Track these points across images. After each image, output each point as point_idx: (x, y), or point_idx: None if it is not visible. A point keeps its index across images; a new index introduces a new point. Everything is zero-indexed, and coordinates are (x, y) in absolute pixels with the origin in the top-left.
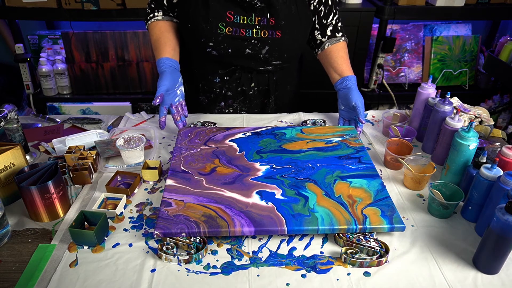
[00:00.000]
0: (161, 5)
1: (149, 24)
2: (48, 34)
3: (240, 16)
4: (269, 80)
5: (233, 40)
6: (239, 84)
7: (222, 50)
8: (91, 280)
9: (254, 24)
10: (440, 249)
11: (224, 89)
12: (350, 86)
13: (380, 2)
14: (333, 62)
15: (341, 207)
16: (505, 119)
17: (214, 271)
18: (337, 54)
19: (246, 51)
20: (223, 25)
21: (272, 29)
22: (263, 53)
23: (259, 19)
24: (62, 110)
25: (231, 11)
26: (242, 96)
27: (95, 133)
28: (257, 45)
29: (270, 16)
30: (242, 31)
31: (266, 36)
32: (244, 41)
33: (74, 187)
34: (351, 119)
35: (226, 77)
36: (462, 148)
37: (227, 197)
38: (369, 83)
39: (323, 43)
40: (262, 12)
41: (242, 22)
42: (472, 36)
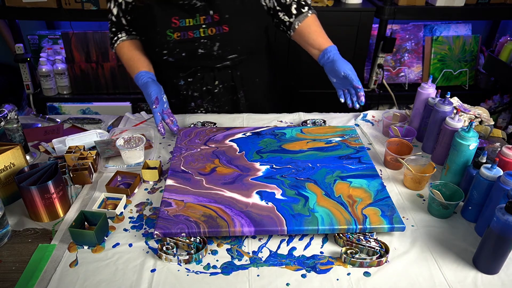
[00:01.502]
0: (121, 26)
1: (116, 47)
2: (48, 34)
3: (185, 19)
4: (233, 76)
5: (183, 44)
6: (203, 83)
7: (176, 55)
8: (91, 280)
9: (200, 23)
10: (440, 249)
11: (190, 91)
12: (333, 58)
13: (380, 2)
14: (308, 39)
15: (341, 207)
16: (505, 119)
17: (214, 271)
18: (309, 30)
19: (199, 52)
20: (171, 31)
21: (218, 25)
22: (215, 50)
23: (204, 18)
24: (62, 110)
25: (176, 16)
26: (209, 96)
27: (95, 133)
28: (208, 44)
29: (214, 13)
30: (190, 33)
31: (214, 33)
32: (194, 42)
33: (74, 187)
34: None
35: (189, 78)
36: (462, 148)
37: (227, 197)
38: (369, 83)
39: (292, 23)
40: (204, 11)
41: (188, 24)
42: (472, 36)
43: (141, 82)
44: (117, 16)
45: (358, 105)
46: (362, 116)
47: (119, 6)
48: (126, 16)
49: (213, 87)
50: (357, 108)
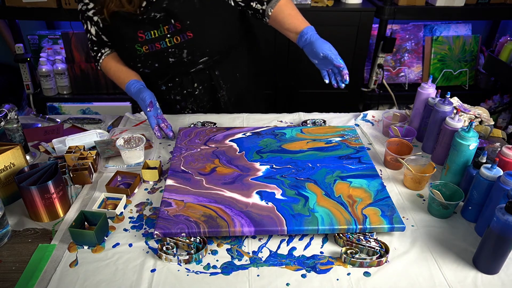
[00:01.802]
0: (103, 42)
1: (102, 63)
2: (48, 34)
3: (149, 31)
4: (212, 76)
5: (153, 55)
6: (182, 87)
7: (150, 67)
8: (91, 280)
9: (165, 34)
10: (440, 249)
11: (172, 95)
12: (310, 39)
13: (380, 2)
14: (283, 24)
15: (341, 207)
16: (505, 119)
17: (214, 271)
18: (283, 14)
19: (169, 61)
20: (139, 45)
21: (181, 33)
22: (185, 57)
23: (167, 28)
24: (62, 110)
25: (141, 30)
26: (191, 98)
27: (95, 133)
28: (176, 52)
29: (175, 21)
30: (157, 45)
31: (179, 41)
32: (163, 53)
33: (74, 187)
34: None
35: (169, 84)
36: (462, 148)
37: (227, 197)
38: (369, 83)
39: (265, 10)
40: (166, 21)
41: (154, 36)
42: (472, 36)
43: (133, 90)
44: (96, 35)
45: (343, 84)
46: (362, 116)
47: (96, 25)
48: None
49: (193, 90)
50: (343, 88)
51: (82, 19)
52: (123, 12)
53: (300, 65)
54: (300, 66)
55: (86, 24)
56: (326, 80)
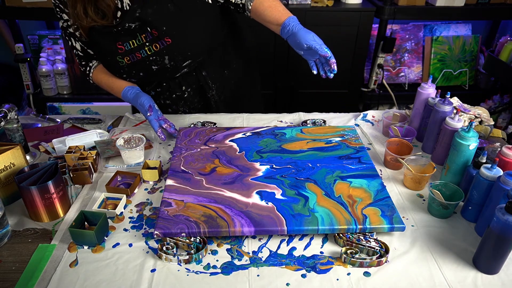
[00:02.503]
0: (90, 56)
1: (92, 75)
2: (48, 34)
3: (128, 42)
4: (199, 77)
5: (136, 65)
6: (171, 91)
7: (136, 76)
8: (91, 280)
9: (143, 42)
10: (440, 249)
11: (162, 100)
12: (293, 30)
13: (380, 2)
14: (265, 17)
15: (341, 207)
16: (505, 119)
17: (214, 271)
18: (263, 6)
19: (153, 68)
20: (120, 57)
21: (159, 39)
22: (167, 63)
23: (144, 36)
24: (62, 110)
25: (119, 41)
26: (181, 101)
27: (95, 133)
28: (158, 59)
29: (151, 29)
30: (138, 55)
31: (159, 48)
32: (145, 61)
33: (74, 187)
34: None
35: (158, 89)
36: (462, 148)
37: (227, 197)
38: (369, 83)
39: (245, 4)
40: (142, 29)
41: (133, 46)
42: (472, 36)
43: (130, 96)
44: (82, 50)
45: (332, 74)
46: (362, 116)
47: (80, 40)
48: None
49: (182, 93)
50: (331, 78)
51: (66, 36)
52: (98, 26)
53: (300, 65)
54: (300, 66)
55: (70, 41)
56: (314, 71)
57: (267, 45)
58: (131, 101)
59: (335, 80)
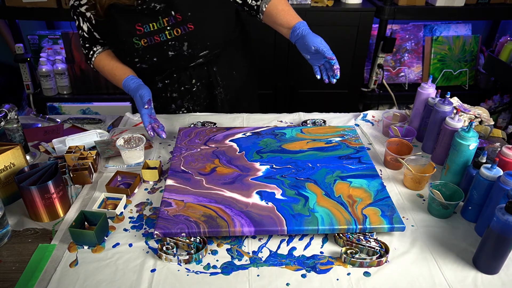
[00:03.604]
0: (95, 40)
1: (94, 61)
2: (48, 34)
3: (148, 24)
4: (209, 72)
5: (152, 49)
6: (180, 83)
7: (148, 62)
8: (91, 280)
9: (164, 26)
10: (440, 249)
11: (169, 92)
12: (302, 34)
13: (380, 2)
14: (276, 20)
15: (341, 207)
16: (505, 119)
17: (214, 271)
18: (277, 10)
19: (169, 54)
20: (137, 39)
21: (182, 24)
22: (185, 50)
23: (167, 20)
24: (62, 110)
25: (139, 22)
26: (188, 95)
27: (95, 133)
28: (176, 45)
29: (175, 13)
30: (156, 38)
31: (180, 33)
32: (162, 46)
33: (74, 187)
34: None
35: (166, 80)
36: (462, 148)
37: (227, 197)
38: (369, 83)
39: (259, 6)
40: (166, 12)
41: (153, 29)
42: (472, 36)
43: (132, 86)
44: (88, 32)
45: (334, 79)
46: (362, 116)
47: (88, 21)
48: (98, 30)
49: (191, 86)
50: (333, 83)
51: (74, 15)
52: (120, 4)
53: (300, 65)
54: (300, 66)
55: (78, 20)
56: (317, 76)
57: (267, 45)
58: (132, 91)
59: None
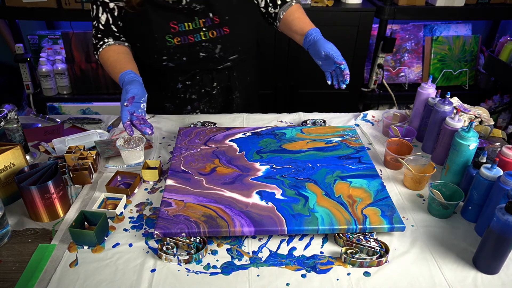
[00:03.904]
0: (109, 32)
1: (101, 51)
2: (48, 34)
3: (183, 23)
4: (230, 76)
5: (184, 48)
6: (201, 86)
7: (177, 61)
8: (91, 280)
9: (200, 27)
10: (440, 249)
11: (188, 94)
12: (314, 39)
13: (380, 2)
14: (291, 27)
15: (341, 207)
16: (505, 119)
17: (214, 271)
18: (293, 17)
19: (200, 55)
20: (170, 37)
21: (218, 27)
22: (217, 52)
23: (203, 21)
24: (62, 110)
25: (174, 21)
26: (207, 97)
27: (95, 133)
28: (209, 47)
29: (213, 15)
30: (191, 38)
31: (215, 36)
32: (195, 46)
33: (74, 187)
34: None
35: (188, 81)
36: (462, 148)
37: (227, 197)
38: (369, 83)
39: (277, 13)
40: (204, 14)
41: (188, 28)
42: (472, 36)
43: (127, 79)
44: (106, 24)
45: (344, 84)
46: (362, 116)
47: (110, 12)
48: (117, 23)
49: (212, 89)
50: (343, 88)
51: (94, 4)
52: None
53: (300, 65)
54: (300, 66)
55: (97, 10)
56: (328, 81)
57: (267, 45)
58: (124, 83)
59: None
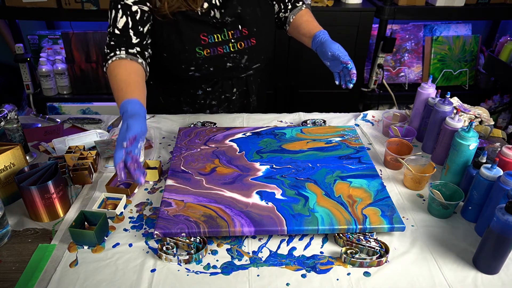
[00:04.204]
0: (124, 37)
1: (111, 63)
2: (48, 34)
3: (213, 35)
4: (247, 81)
5: (212, 59)
6: (221, 92)
7: (204, 71)
8: (91, 280)
9: (229, 38)
10: (440, 249)
11: (208, 100)
12: (321, 41)
13: (380, 2)
14: (300, 29)
15: (341, 207)
16: (505, 119)
17: (214, 271)
18: (301, 20)
19: (227, 65)
20: (200, 48)
21: (246, 39)
22: (243, 62)
23: (232, 33)
24: (62, 110)
25: (204, 32)
26: (226, 103)
27: (95, 133)
28: (237, 57)
29: (242, 27)
30: (220, 49)
31: (242, 47)
32: (223, 57)
33: (74, 187)
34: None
35: (209, 88)
36: (462, 148)
37: (227, 197)
38: (369, 83)
39: (287, 17)
40: (233, 26)
41: (217, 40)
42: (472, 36)
43: (130, 111)
44: (123, 28)
45: (351, 84)
46: (362, 116)
47: (131, 15)
48: (137, 28)
49: (231, 95)
50: (350, 88)
51: (113, 8)
52: (190, 12)
53: (300, 64)
54: (300, 65)
55: (116, 13)
56: (336, 82)
57: None
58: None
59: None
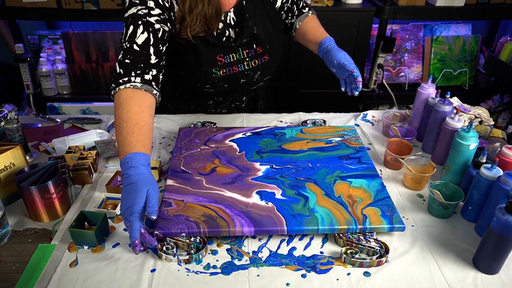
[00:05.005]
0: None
1: (123, 89)
2: (48, 34)
3: (228, 55)
4: (256, 89)
5: (227, 78)
6: (232, 101)
7: (219, 88)
8: (91, 280)
9: (244, 57)
10: (440, 249)
11: (219, 108)
12: (327, 48)
13: (380, 2)
14: (306, 36)
15: (341, 207)
16: (505, 119)
17: (214, 271)
18: (307, 27)
19: (240, 81)
20: (217, 69)
21: (260, 56)
22: (256, 77)
23: (247, 52)
24: (62, 110)
25: (220, 53)
26: (236, 110)
27: (95, 133)
28: (250, 74)
29: (257, 46)
30: (235, 68)
31: (256, 64)
32: (238, 75)
33: (74, 187)
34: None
35: (220, 99)
36: (462, 148)
37: (227, 197)
38: (369, 83)
39: (294, 23)
40: (248, 45)
41: (233, 59)
42: (472, 36)
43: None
44: (144, 44)
45: (356, 92)
46: (362, 116)
47: (153, 32)
48: (158, 46)
49: (241, 102)
50: (356, 95)
51: (132, 24)
52: (208, 37)
53: (300, 65)
54: (300, 66)
55: (135, 28)
56: (342, 88)
57: None
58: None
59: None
